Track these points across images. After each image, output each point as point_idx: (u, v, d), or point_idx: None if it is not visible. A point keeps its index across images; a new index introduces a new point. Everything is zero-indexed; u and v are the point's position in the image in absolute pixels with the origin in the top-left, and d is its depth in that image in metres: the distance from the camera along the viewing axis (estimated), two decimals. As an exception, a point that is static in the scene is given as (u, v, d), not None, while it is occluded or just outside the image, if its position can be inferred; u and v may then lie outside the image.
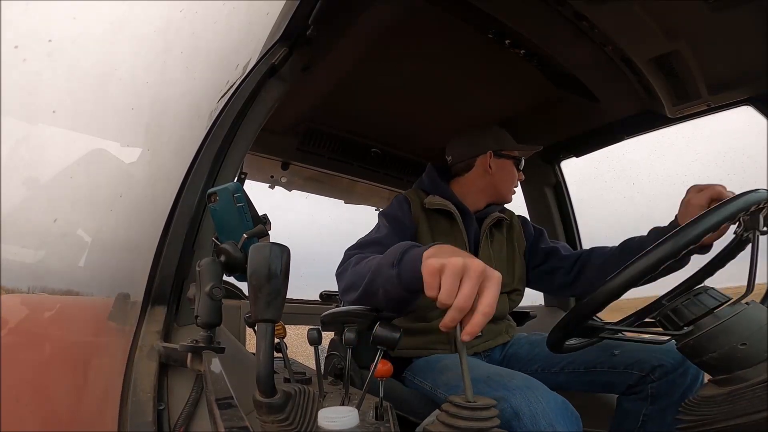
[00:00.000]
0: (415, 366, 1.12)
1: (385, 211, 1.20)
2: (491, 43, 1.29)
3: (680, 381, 0.95)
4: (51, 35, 0.73)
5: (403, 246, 0.71)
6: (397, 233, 1.10)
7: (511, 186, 1.29)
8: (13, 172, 0.67)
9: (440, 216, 1.21)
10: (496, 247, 1.27)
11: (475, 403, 0.49)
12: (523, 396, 0.75)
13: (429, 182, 1.28)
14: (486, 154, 1.26)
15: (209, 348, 0.59)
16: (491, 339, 1.20)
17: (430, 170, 1.31)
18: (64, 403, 0.66)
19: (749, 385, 0.53)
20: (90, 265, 0.79)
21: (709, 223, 0.59)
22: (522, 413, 0.73)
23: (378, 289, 0.74)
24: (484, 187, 1.27)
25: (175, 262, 0.75)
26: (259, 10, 0.93)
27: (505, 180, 1.27)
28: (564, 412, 0.74)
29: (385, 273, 0.71)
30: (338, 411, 0.43)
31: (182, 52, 0.89)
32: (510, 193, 1.29)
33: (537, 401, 0.74)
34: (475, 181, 1.28)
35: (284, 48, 0.88)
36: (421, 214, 1.20)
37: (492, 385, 0.81)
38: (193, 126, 0.87)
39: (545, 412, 0.72)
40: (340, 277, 0.93)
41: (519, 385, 0.78)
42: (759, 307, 0.60)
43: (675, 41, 1.14)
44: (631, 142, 1.67)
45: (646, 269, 0.60)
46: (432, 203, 1.20)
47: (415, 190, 1.28)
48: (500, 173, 1.27)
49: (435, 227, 1.20)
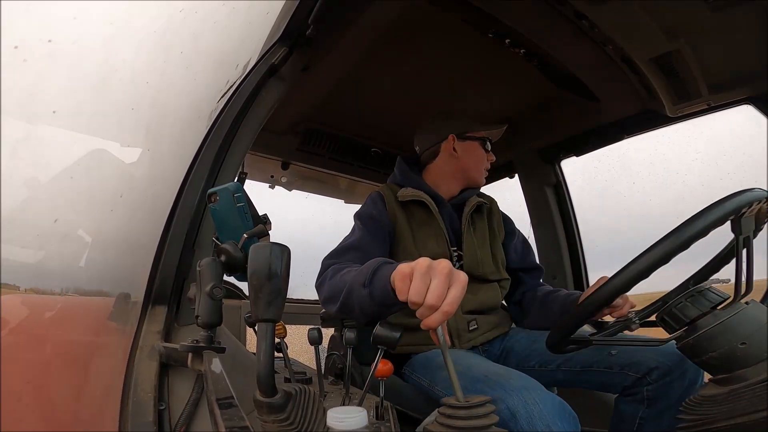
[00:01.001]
0: (414, 362, 1.12)
1: (360, 211, 1.19)
2: (491, 43, 1.29)
3: (677, 384, 0.93)
4: (51, 35, 0.73)
5: (373, 264, 0.73)
6: (372, 233, 1.11)
7: (479, 167, 1.27)
8: (14, 173, 0.67)
9: (416, 207, 1.20)
10: (479, 235, 1.25)
11: (471, 402, 0.49)
12: (519, 396, 0.75)
13: (400, 175, 1.28)
14: (448, 139, 1.25)
15: (210, 348, 0.59)
16: (488, 331, 1.19)
17: (400, 162, 1.30)
18: (65, 403, 0.66)
19: (749, 384, 0.54)
20: (90, 265, 0.79)
21: (707, 222, 0.58)
22: (518, 414, 0.73)
23: (354, 305, 0.78)
24: (453, 171, 1.26)
25: (176, 262, 0.75)
26: (259, 10, 0.93)
27: (473, 162, 1.25)
28: (561, 413, 0.74)
29: (357, 292, 0.74)
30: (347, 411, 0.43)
31: (182, 52, 0.89)
32: (480, 174, 1.27)
33: (534, 402, 0.74)
34: (442, 167, 1.27)
35: (284, 48, 0.88)
36: (397, 207, 1.18)
37: (490, 384, 0.81)
38: (193, 126, 0.87)
39: (542, 413, 0.72)
40: (319, 289, 0.95)
41: (516, 386, 0.78)
42: (759, 307, 0.60)
43: (675, 41, 1.14)
44: (631, 142, 1.67)
45: (641, 273, 0.60)
46: (405, 195, 1.19)
47: (388, 185, 1.26)
48: (466, 156, 1.25)
49: (412, 219, 1.19)
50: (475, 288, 1.18)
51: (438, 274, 0.56)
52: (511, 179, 2.04)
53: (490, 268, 1.21)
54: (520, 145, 1.85)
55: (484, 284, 1.20)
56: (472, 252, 1.19)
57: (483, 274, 1.19)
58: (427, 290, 0.55)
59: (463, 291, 0.56)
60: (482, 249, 1.22)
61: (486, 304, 1.19)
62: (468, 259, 1.18)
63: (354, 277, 0.77)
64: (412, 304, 0.58)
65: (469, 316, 1.16)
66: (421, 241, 1.16)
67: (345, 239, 1.12)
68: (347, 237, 1.13)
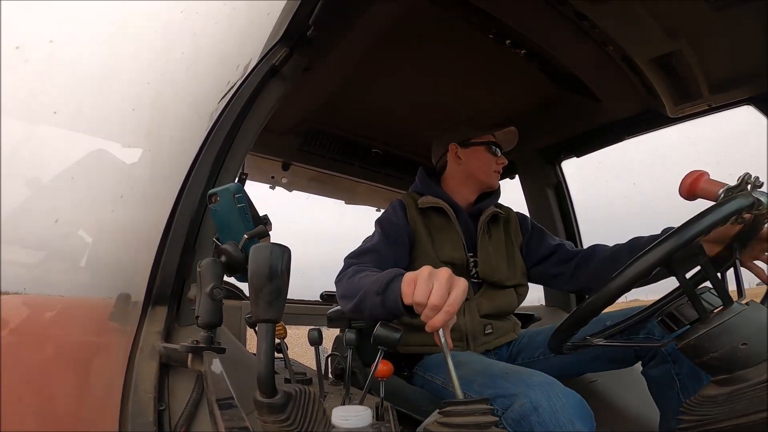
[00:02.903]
0: (427, 362, 1.15)
1: (381, 217, 1.25)
2: (492, 44, 1.29)
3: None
4: (52, 36, 0.73)
5: (389, 275, 0.79)
6: (390, 239, 1.16)
7: (487, 170, 1.29)
8: (15, 173, 0.67)
9: (435, 214, 1.26)
10: (495, 243, 1.28)
11: (470, 399, 0.49)
12: (542, 391, 0.76)
13: (421, 184, 1.34)
14: (451, 149, 1.31)
15: (210, 348, 0.59)
16: (501, 336, 1.22)
17: (421, 172, 1.37)
18: (65, 403, 0.66)
19: (750, 385, 0.53)
20: (91, 265, 0.79)
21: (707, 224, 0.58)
22: (541, 408, 0.73)
23: (365, 310, 0.86)
24: (463, 178, 1.31)
25: (176, 263, 0.75)
26: (260, 10, 0.93)
27: (479, 166, 1.29)
28: (582, 410, 0.75)
29: (371, 299, 0.82)
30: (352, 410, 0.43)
31: (183, 53, 0.89)
32: (488, 176, 1.30)
33: (557, 397, 0.74)
34: (454, 175, 1.32)
35: (285, 48, 0.88)
36: (417, 215, 1.24)
37: (511, 380, 0.82)
38: (193, 126, 0.87)
39: (564, 408, 0.73)
40: (338, 285, 1.01)
41: (539, 381, 0.79)
42: (759, 307, 0.60)
43: (676, 41, 1.14)
44: (632, 142, 1.67)
45: (640, 273, 0.60)
46: (425, 203, 1.26)
47: (410, 193, 1.33)
48: (471, 161, 1.29)
49: (431, 225, 1.24)
50: (491, 293, 1.22)
51: (439, 278, 0.62)
52: (511, 180, 2.04)
53: (505, 275, 1.24)
54: (521, 145, 1.85)
55: (500, 290, 1.24)
56: (486, 259, 1.23)
57: (498, 281, 1.23)
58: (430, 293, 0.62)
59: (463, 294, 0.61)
60: (497, 256, 1.26)
61: (502, 309, 1.23)
62: (483, 265, 1.23)
63: (370, 284, 0.84)
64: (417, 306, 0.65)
65: (485, 320, 1.19)
66: (439, 246, 1.21)
67: (365, 241, 1.18)
68: (368, 240, 1.19)
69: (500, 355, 1.24)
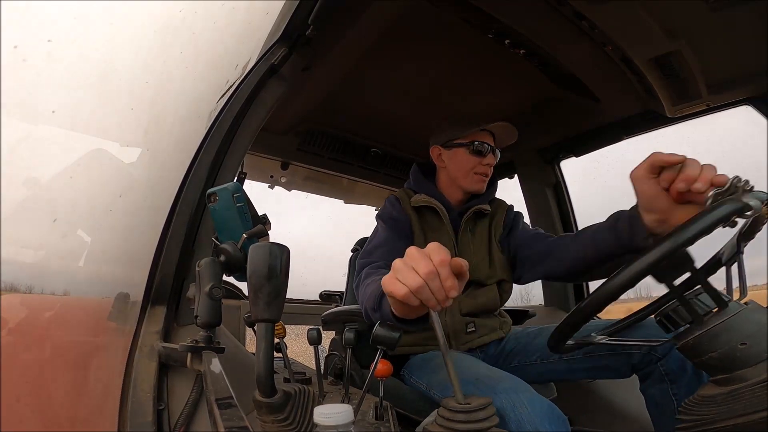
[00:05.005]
0: (412, 364, 1.13)
1: (380, 213, 1.25)
2: (491, 43, 1.29)
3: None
4: (51, 35, 0.72)
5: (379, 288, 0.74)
6: (396, 230, 1.16)
7: (465, 172, 1.23)
8: (13, 172, 0.67)
9: (428, 213, 1.25)
10: (477, 241, 1.26)
11: (470, 405, 0.49)
12: (508, 398, 0.75)
13: (414, 181, 1.32)
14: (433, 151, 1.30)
15: (209, 348, 0.59)
16: (485, 334, 1.20)
17: (414, 170, 1.35)
18: (64, 403, 0.66)
19: (749, 384, 0.53)
20: (90, 265, 0.79)
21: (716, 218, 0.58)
22: (507, 416, 0.73)
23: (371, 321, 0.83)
24: (448, 179, 1.29)
25: (175, 262, 0.75)
26: (259, 10, 0.93)
27: (459, 168, 1.24)
28: (550, 415, 0.74)
29: (372, 315, 0.82)
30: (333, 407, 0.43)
31: (182, 52, 0.89)
32: (466, 181, 1.24)
33: (522, 404, 0.74)
34: (440, 176, 1.31)
35: (284, 48, 0.88)
36: (411, 211, 1.23)
37: (479, 386, 0.82)
38: (192, 126, 0.87)
39: (530, 415, 0.73)
40: (357, 290, 1.00)
41: (505, 388, 0.78)
42: (758, 307, 0.60)
43: (675, 41, 1.14)
44: (630, 142, 1.67)
45: (640, 273, 0.60)
46: (417, 201, 1.24)
47: (404, 190, 1.31)
48: (452, 163, 1.26)
49: (424, 223, 1.24)
50: (473, 292, 1.20)
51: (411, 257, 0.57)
52: (510, 179, 2.04)
53: (485, 273, 1.22)
54: (520, 145, 1.85)
55: (481, 288, 1.22)
56: (467, 257, 1.19)
57: (477, 279, 1.21)
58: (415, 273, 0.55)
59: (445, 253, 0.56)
60: (478, 253, 1.24)
61: (485, 307, 1.21)
62: None
63: (368, 298, 0.83)
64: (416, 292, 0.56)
65: (467, 318, 1.17)
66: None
67: (371, 239, 1.18)
68: (373, 237, 1.18)
69: (488, 353, 1.22)
